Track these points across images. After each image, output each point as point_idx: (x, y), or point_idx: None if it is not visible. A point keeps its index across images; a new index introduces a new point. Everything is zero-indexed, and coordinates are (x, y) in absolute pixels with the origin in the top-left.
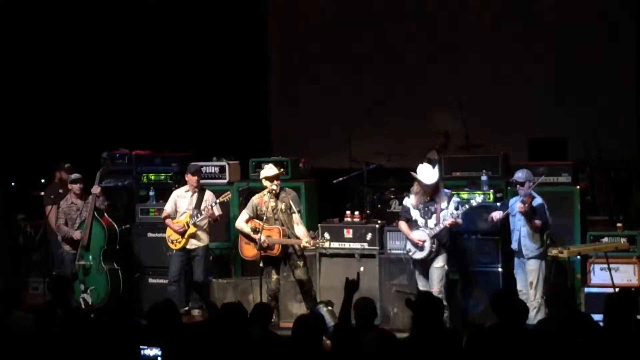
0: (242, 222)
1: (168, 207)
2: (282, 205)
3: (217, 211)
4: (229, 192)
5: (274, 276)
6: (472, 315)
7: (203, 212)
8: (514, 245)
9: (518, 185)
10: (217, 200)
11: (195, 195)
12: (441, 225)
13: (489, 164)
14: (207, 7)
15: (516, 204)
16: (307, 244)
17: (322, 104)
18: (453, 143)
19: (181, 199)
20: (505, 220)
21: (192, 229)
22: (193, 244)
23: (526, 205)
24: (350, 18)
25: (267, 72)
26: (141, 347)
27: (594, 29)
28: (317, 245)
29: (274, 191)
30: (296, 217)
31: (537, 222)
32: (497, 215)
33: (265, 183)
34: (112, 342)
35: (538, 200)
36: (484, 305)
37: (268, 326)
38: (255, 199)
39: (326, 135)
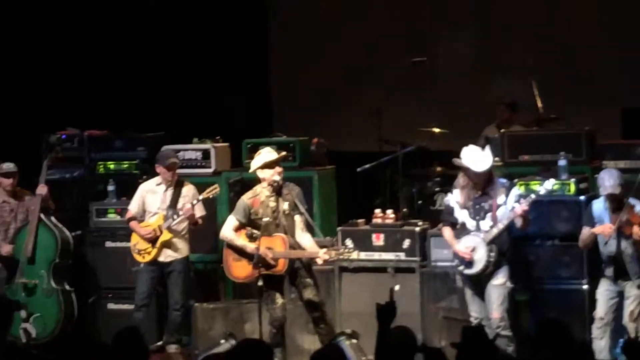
0: (229, 231)
1: (134, 206)
2: (284, 206)
3: (198, 211)
4: (216, 186)
5: (279, 300)
6: None
7: (180, 213)
8: (609, 273)
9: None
10: (200, 197)
11: (171, 190)
12: (500, 225)
13: (569, 143)
14: None
15: (606, 216)
16: (326, 257)
17: (341, 66)
18: (521, 116)
19: (151, 195)
20: None
21: (166, 235)
22: (168, 255)
23: (638, 228)
24: None
25: (267, 24)
26: None
27: None
28: (341, 257)
29: (276, 184)
30: (300, 220)
31: None
32: (605, 229)
33: (263, 174)
34: None
35: None
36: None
37: None
38: (246, 200)
39: (347, 107)
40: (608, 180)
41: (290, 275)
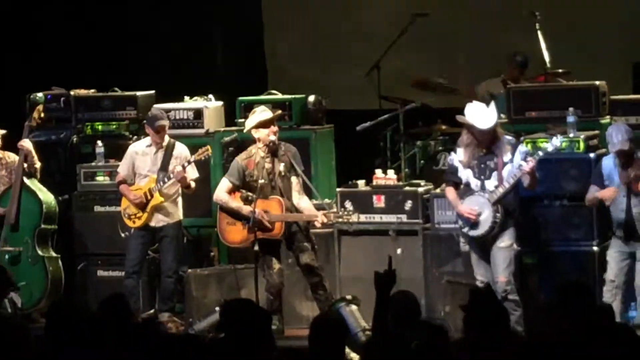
0: (223, 194)
1: (123, 169)
2: (280, 167)
3: (191, 174)
4: (207, 147)
5: (276, 265)
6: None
7: (171, 176)
8: (618, 231)
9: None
10: (192, 159)
11: (162, 151)
12: (506, 184)
13: (578, 98)
14: None
15: (616, 173)
16: (324, 220)
17: (338, 21)
18: (528, 70)
19: (141, 157)
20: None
21: (157, 199)
22: (159, 220)
23: None
24: None
25: None
26: None
27: None
28: (340, 220)
29: (271, 144)
30: (296, 182)
31: None
32: (607, 193)
33: (258, 134)
34: None
35: None
36: None
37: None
38: (241, 161)
39: (345, 63)
40: (616, 136)
41: (287, 240)
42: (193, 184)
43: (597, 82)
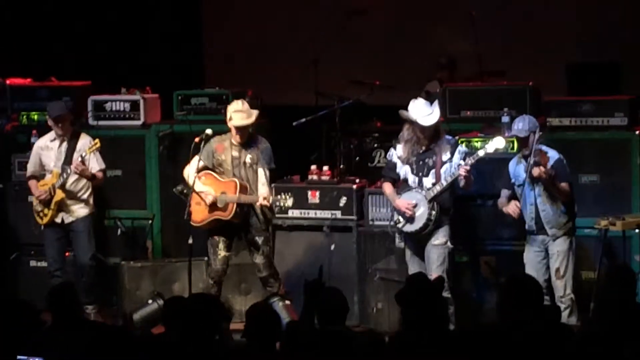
0: (191, 170)
1: (30, 166)
2: (247, 158)
3: (94, 165)
4: (97, 141)
5: (222, 253)
6: (488, 311)
7: (72, 168)
8: (530, 225)
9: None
10: (83, 154)
11: (65, 144)
12: (443, 183)
13: (513, 99)
14: None
15: (521, 169)
16: (264, 202)
17: (276, 15)
18: (463, 70)
19: (46, 153)
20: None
21: (59, 195)
22: (66, 217)
23: (544, 168)
24: None
25: None
26: (19, 357)
27: None
28: (275, 204)
29: (238, 142)
30: (262, 174)
31: (564, 185)
32: (511, 208)
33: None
34: None
35: (554, 155)
36: None
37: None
38: (214, 143)
39: (282, 58)
40: (517, 124)
41: (244, 229)
42: (100, 175)
43: (531, 83)
